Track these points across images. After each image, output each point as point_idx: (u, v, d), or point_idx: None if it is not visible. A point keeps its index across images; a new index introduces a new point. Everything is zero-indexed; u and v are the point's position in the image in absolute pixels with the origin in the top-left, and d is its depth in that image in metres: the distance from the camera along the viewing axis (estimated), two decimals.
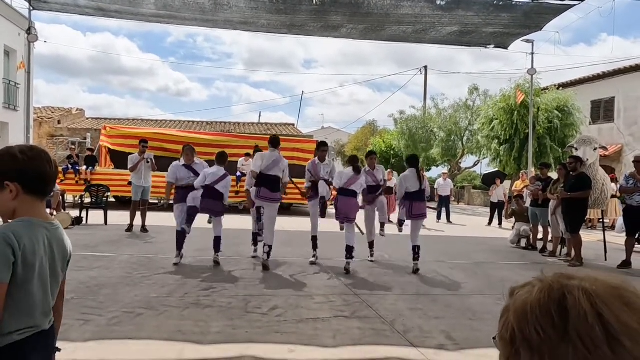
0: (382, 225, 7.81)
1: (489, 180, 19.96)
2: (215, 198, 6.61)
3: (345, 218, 6.74)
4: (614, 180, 13.10)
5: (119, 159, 14.69)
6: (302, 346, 3.74)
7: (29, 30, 13.36)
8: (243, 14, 11.07)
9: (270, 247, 6.55)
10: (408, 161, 7.38)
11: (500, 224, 14.04)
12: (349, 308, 4.79)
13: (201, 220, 7.15)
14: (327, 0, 9.91)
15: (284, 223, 6.88)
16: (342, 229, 7.00)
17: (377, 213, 7.77)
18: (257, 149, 8.46)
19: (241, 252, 7.57)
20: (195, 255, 7.13)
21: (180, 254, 6.73)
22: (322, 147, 7.42)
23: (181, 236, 6.74)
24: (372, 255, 7.63)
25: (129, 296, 4.86)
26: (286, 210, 14.54)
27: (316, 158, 7.38)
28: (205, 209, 6.68)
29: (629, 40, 78.90)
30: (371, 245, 7.67)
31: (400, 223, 7.26)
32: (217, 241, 6.74)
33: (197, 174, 6.84)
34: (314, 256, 7.15)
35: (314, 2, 9.76)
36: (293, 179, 8.18)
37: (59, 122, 24.66)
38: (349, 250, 6.58)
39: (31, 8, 12.32)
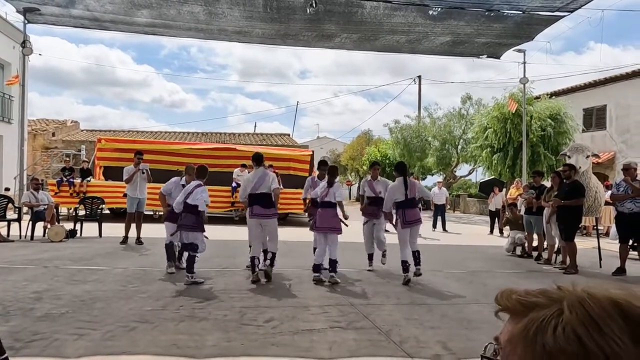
0: (384, 253, 7.75)
1: (486, 188, 20.01)
2: (188, 212, 6.29)
3: (331, 229, 6.57)
4: (609, 187, 13.18)
5: (113, 172, 14.71)
6: (298, 359, 3.72)
7: (23, 44, 13.39)
8: (237, 22, 11.14)
9: (274, 254, 6.53)
10: (397, 169, 7.15)
11: (501, 232, 13.99)
12: (344, 319, 4.78)
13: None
14: (320, 9, 9.99)
15: (280, 233, 6.86)
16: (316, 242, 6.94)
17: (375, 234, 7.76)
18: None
19: (237, 264, 7.54)
20: None
21: (172, 264, 6.83)
22: (321, 167, 7.72)
23: (169, 249, 6.87)
24: (370, 265, 7.66)
25: (124, 310, 4.82)
26: (282, 220, 14.55)
27: (316, 175, 7.62)
28: (181, 225, 6.26)
29: (617, 48, 79.92)
30: (370, 257, 7.67)
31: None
32: (191, 260, 6.16)
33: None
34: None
35: (308, 11, 9.84)
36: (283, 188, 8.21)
37: (53, 135, 24.59)
38: (333, 265, 6.41)
39: (26, 21, 12.35)
